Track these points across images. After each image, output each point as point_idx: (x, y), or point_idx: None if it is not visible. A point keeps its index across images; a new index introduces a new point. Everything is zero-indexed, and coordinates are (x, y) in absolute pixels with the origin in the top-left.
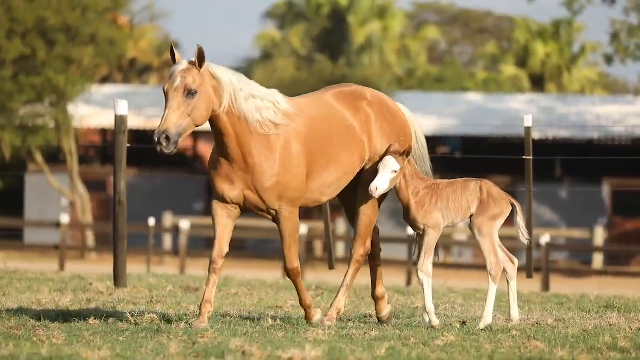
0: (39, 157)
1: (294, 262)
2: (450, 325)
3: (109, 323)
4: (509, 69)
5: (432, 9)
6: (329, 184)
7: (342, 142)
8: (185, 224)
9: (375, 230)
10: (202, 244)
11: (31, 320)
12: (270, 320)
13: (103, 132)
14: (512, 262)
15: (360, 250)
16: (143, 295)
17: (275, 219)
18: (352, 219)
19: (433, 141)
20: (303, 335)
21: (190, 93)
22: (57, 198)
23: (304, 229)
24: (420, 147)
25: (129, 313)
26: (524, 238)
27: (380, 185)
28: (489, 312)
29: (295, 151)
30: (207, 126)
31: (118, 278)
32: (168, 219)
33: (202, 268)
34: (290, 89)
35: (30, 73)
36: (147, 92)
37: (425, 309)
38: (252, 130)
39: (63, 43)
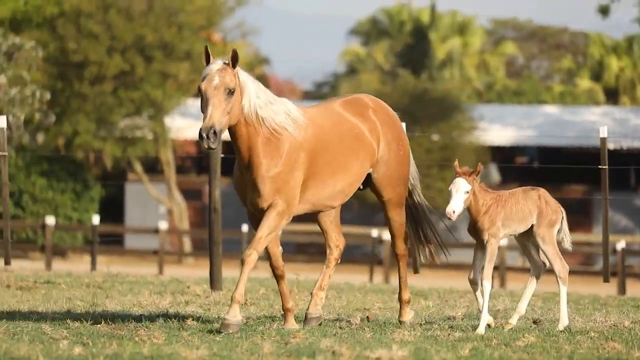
0: (138, 167)
1: (253, 251)
2: (530, 327)
3: (206, 324)
4: (584, 83)
5: (510, 25)
6: (340, 190)
7: (351, 149)
8: None
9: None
10: (292, 249)
11: (133, 321)
12: (358, 322)
13: (198, 143)
14: (544, 265)
15: (402, 246)
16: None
17: (264, 212)
18: (322, 218)
19: (511, 151)
20: (390, 336)
21: (230, 92)
22: (155, 206)
23: (388, 235)
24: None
25: (224, 315)
26: (567, 243)
27: (456, 208)
28: (564, 314)
29: (298, 158)
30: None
31: (214, 281)
32: None
33: (291, 272)
34: None
35: (129, 88)
36: None
37: (482, 313)
38: (262, 135)
39: (160, 59)
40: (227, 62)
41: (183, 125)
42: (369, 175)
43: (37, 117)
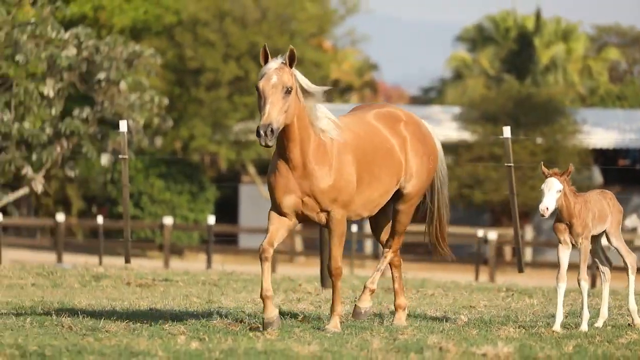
0: (251, 169)
1: (339, 262)
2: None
3: (317, 321)
4: None
5: (613, 31)
6: (372, 200)
7: (384, 162)
8: None
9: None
10: (402, 249)
11: (247, 317)
12: (464, 319)
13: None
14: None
15: (397, 245)
16: (347, 295)
17: (327, 221)
18: (376, 230)
19: (613, 154)
20: (495, 333)
21: (287, 91)
22: (267, 206)
23: (494, 235)
24: (442, 169)
25: None
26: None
27: (549, 205)
28: (633, 303)
29: (347, 160)
30: None
31: (324, 279)
32: (368, 226)
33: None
34: (480, 107)
35: (243, 93)
36: (347, 110)
37: (582, 313)
38: (312, 138)
39: None
40: (284, 61)
41: None
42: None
43: (155, 122)
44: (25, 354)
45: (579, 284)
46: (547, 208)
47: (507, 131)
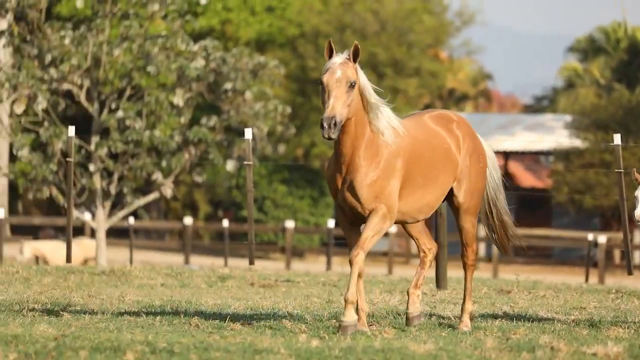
0: None
1: (361, 251)
2: None
3: (433, 321)
4: None
5: None
6: (428, 203)
7: (441, 163)
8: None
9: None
10: (512, 252)
11: (365, 317)
12: (574, 319)
13: None
14: None
15: (472, 256)
16: (461, 296)
17: (368, 215)
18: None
19: None
20: (605, 333)
21: (351, 85)
22: None
23: (603, 238)
24: (495, 177)
25: (449, 312)
26: None
27: None
28: None
29: (395, 164)
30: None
31: (439, 281)
32: (481, 230)
33: (512, 273)
34: (591, 115)
35: None
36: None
37: None
38: (367, 136)
39: (391, 75)
40: (348, 56)
41: None
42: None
43: (279, 130)
44: (155, 350)
45: None
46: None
47: (617, 138)
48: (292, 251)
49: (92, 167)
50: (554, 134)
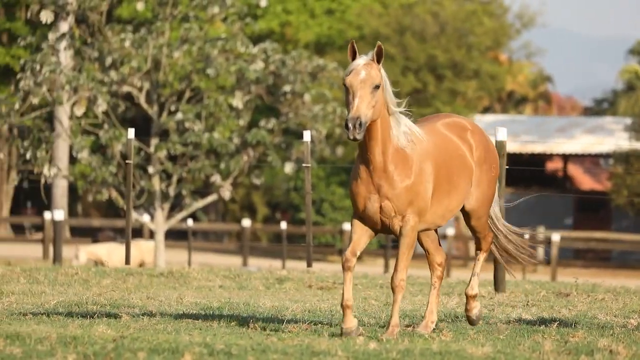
0: None
1: (404, 274)
2: None
3: (490, 323)
4: None
5: None
6: (451, 209)
7: (459, 169)
8: (556, 236)
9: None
10: (570, 255)
11: (423, 320)
12: (634, 323)
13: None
14: None
15: (487, 245)
16: (520, 299)
17: (400, 228)
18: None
19: None
20: None
21: (375, 87)
22: None
23: None
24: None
25: (507, 315)
26: None
27: None
28: None
29: (426, 168)
30: (576, 149)
31: (498, 283)
32: (541, 231)
33: (570, 276)
34: None
35: (421, 104)
36: (522, 121)
37: None
38: (394, 141)
39: (450, 78)
40: (372, 58)
41: None
42: None
43: (337, 132)
44: (212, 352)
45: None
46: None
47: None
48: None
49: (151, 169)
50: (613, 137)
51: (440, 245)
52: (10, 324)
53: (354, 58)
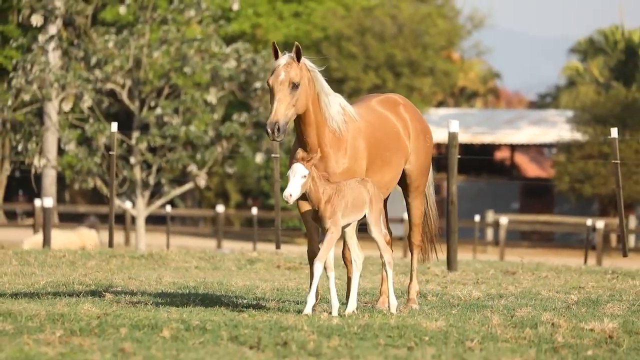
0: None
1: (315, 247)
2: None
3: (443, 300)
4: None
5: None
6: (385, 184)
7: (393, 145)
8: (504, 220)
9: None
10: (517, 236)
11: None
12: (574, 298)
13: (438, 145)
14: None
15: (419, 236)
16: (470, 277)
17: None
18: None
19: None
20: (602, 310)
21: (294, 86)
22: (401, 198)
23: (601, 224)
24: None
25: (459, 292)
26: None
27: (293, 191)
28: (392, 296)
29: (359, 145)
30: (522, 139)
31: (450, 263)
32: (490, 216)
33: (517, 256)
34: (591, 110)
35: None
36: (473, 114)
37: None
38: (329, 125)
39: (407, 75)
40: (292, 57)
41: None
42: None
43: None
44: (189, 327)
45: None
46: (290, 195)
47: (614, 132)
48: None
49: (132, 160)
50: (556, 128)
51: (358, 242)
52: (2, 302)
53: (276, 58)
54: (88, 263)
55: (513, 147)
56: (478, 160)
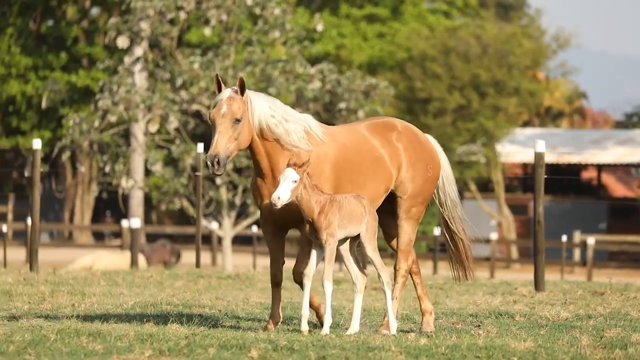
0: (472, 187)
1: (301, 268)
2: None
3: (531, 320)
4: None
5: None
6: None
7: (370, 171)
8: (591, 240)
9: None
10: (605, 257)
11: (469, 317)
12: None
13: (524, 166)
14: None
15: (404, 265)
16: (558, 298)
17: (301, 229)
18: (390, 240)
19: None
20: None
21: (236, 120)
22: (487, 219)
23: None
24: (446, 181)
25: (547, 312)
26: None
27: (282, 194)
28: (393, 318)
29: (323, 169)
30: (609, 159)
31: (538, 283)
32: (577, 236)
33: (604, 276)
34: None
35: (466, 120)
36: (559, 134)
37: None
38: (282, 150)
39: (492, 95)
40: (236, 90)
41: (511, 150)
42: (392, 194)
43: None
44: (276, 348)
45: (322, 285)
46: (278, 198)
47: None
48: None
49: (219, 181)
50: None
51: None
52: (92, 322)
53: (219, 91)
54: (175, 283)
55: (600, 167)
56: (565, 180)
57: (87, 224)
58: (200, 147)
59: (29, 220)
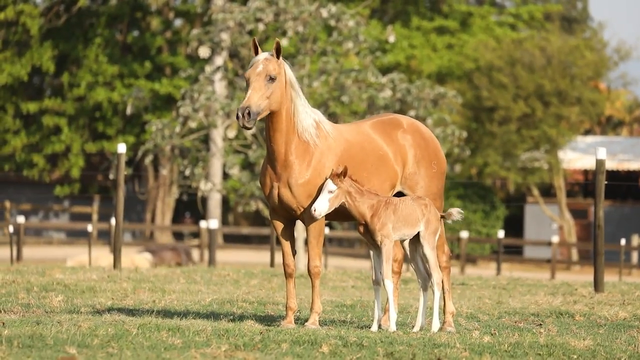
0: (535, 192)
1: (317, 261)
2: None
3: (590, 320)
4: None
5: None
6: None
7: (374, 167)
8: None
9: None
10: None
11: (531, 316)
12: None
13: (585, 172)
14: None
15: (443, 257)
16: (617, 298)
17: (304, 220)
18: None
19: None
20: None
21: (270, 78)
22: (549, 223)
23: None
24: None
25: (605, 312)
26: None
27: (318, 206)
28: (437, 318)
29: (326, 162)
30: None
31: (597, 285)
32: (635, 240)
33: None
34: None
35: (530, 127)
36: (619, 142)
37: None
38: (298, 135)
39: (556, 104)
40: (272, 53)
41: (573, 157)
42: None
43: (455, 151)
44: (347, 343)
45: (383, 283)
46: (314, 210)
47: None
48: (466, 258)
49: None
50: None
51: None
52: (171, 318)
53: (256, 54)
54: (251, 282)
55: None
56: (624, 186)
57: (167, 225)
58: None
59: (112, 221)
